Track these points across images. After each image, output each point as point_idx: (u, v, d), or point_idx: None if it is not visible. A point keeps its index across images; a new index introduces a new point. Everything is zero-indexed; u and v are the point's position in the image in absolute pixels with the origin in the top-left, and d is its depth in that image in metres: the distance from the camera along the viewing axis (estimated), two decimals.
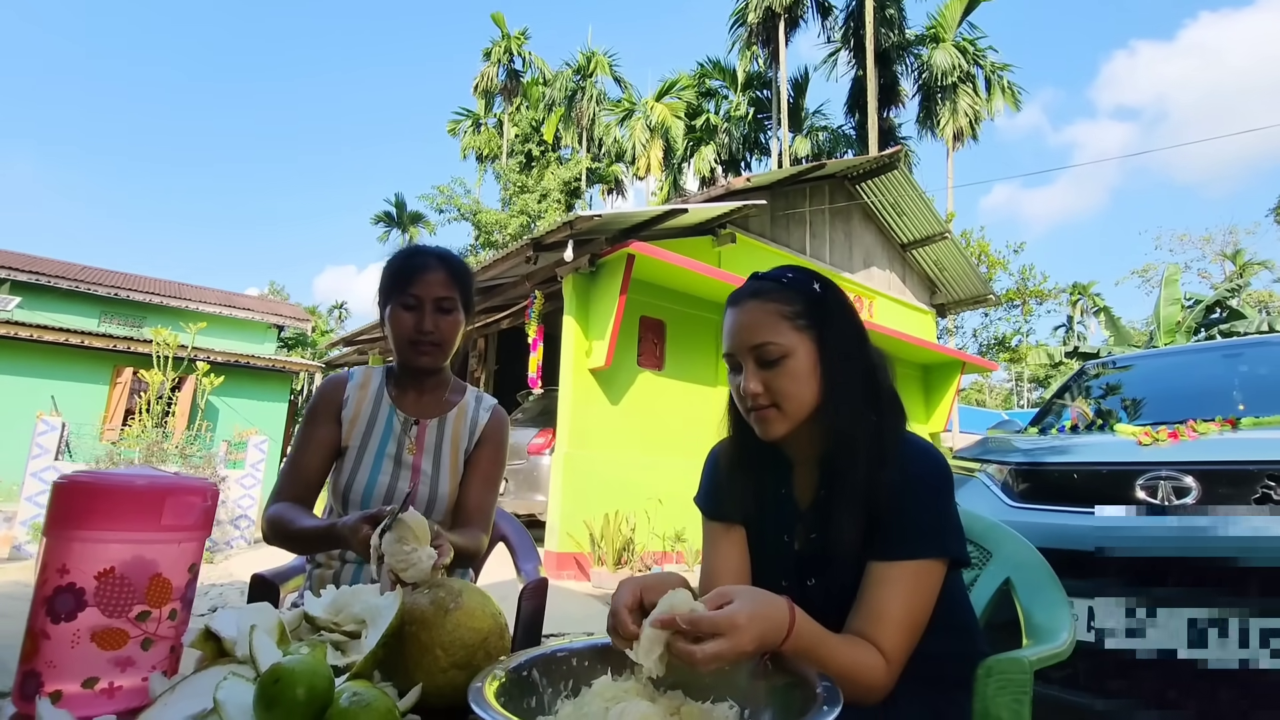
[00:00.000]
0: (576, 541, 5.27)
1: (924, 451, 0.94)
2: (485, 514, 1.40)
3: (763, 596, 0.74)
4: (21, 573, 5.69)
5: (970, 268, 9.69)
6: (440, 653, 0.77)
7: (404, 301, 1.31)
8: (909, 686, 0.88)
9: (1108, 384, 3.65)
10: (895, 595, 0.85)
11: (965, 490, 2.50)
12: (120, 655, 0.75)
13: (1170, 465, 1.96)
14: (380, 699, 0.63)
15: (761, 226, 7.57)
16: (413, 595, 0.83)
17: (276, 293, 37.02)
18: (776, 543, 1.03)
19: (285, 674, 0.64)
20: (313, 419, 1.39)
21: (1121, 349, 15.88)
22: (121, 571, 0.76)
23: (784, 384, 0.93)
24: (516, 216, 20.30)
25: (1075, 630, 1.02)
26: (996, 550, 1.28)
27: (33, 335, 9.69)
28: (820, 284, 1.00)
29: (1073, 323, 36.58)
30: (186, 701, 0.71)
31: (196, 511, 0.83)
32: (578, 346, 5.68)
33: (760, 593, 0.75)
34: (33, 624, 0.75)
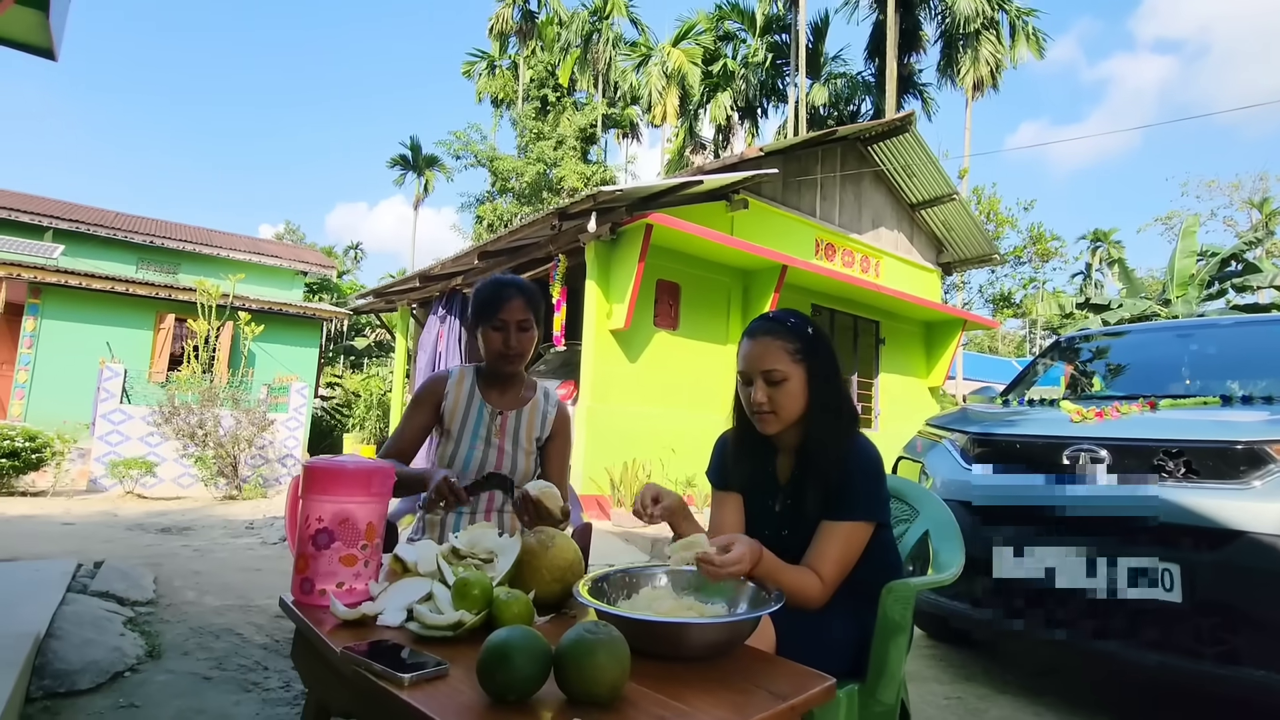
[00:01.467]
0: (598, 485, 5.85)
1: (865, 448, 1.41)
2: (566, 488, 1.92)
3: (750, 539, 1.23)
4: (104, 503, 6.40)
5: (977, 228, 9.90)
6: (545, 572, 1.27)
7: (493, 324, 1.77)
8: (847, 601, 1.38)
9: (1079, 356, 4.07)
10: (834, 543, 1.34)
11: (933, 453, 2.97)
12: (354, 570, 1.26)
13: (1091, 440, 2.42)
14: (521, 595, 1.12)
15: (773, 191, 7.84)
16: (526, 537, 1.32)
17: (293, 233, 37.34)
18: (764, 506, 1.52)
19: (467, 580, 1.13)
20: (417, 405, 1.87)
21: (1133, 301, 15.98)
22: (351, 520, 1.26)
23: (783, 398, 1.39)
24: (533, 164, 20.34)
25: (960, 567, 1.50)
26: (922, 510, 1.75)
27: (82, 283, 10.23)
28: (813, 329, 1.45)
29: (1091, 270, 36.21)
30: (396, 596, 1.22)
31: (386, 484, 1.33)
32: (599, 309, 6.13)
33: (747, 538, 1.24)
34: (302, 549, 1.25)
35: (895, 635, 1.32)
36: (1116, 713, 2.45)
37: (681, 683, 0.94)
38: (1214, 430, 2.26)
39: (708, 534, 1.52)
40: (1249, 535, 1.98)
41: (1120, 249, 35.03)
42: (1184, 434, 2.28)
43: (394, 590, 1.25)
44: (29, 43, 3.25)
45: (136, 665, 2.43)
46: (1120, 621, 2.17)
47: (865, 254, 9.07)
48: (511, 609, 1.09)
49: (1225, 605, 1.99)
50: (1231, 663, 1.97)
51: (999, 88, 19.79)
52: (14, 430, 6.51)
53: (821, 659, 1.32)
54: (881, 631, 1.33)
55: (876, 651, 1.33)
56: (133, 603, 3.18)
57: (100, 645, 2.49)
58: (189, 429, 7.09)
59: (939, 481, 2.78)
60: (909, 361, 9.50)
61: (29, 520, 5.23)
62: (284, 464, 8.44)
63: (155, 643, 2.66)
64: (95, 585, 3.32)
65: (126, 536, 4.80)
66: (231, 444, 7.31)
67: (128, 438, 7.43)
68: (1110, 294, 18.74)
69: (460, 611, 1.09)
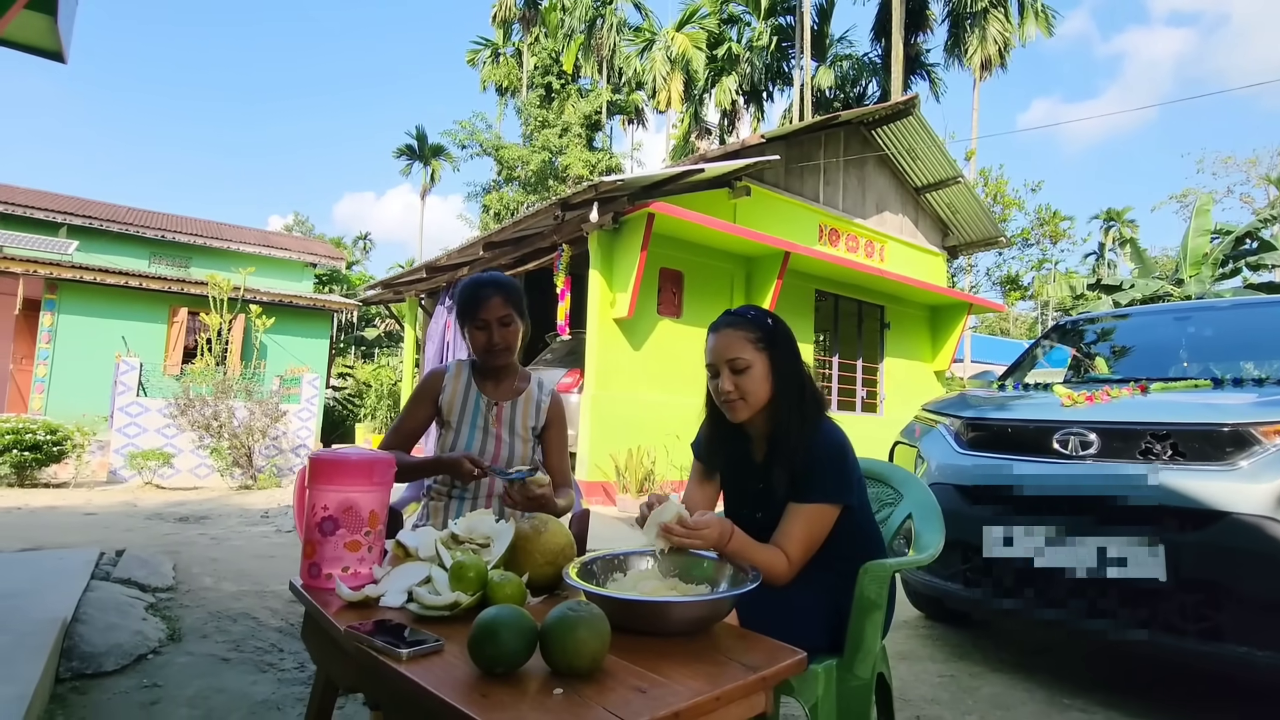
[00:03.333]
0: (603, 472, 5.94)
1: (829, 433, 1.47)
2: (568, 475, 2.00)
3: (721, 518, 1.31)
4: (125, 494, 6.57)
5: (982, 211, 9.84)
6: (538, 555, 1.34)
7: (476, 324, 1.84)
8: (826, 580, 1.44)
9: (1079, 340, 4.09)
10: (799, 524, 1.40)
11: (927, 439, 3.02)
12: (358, 555, 1.33)
13: (1080, 424, 2.46)
14: (514, 577, 1.20)
15: (776, 177, 7.84)
16: (519, 522, 1.40)
17: (301, 224, 37.53)
18: (741, 487, 1.59)
19: (463, 564, 1.20)
20: (417, 399, 1.95)
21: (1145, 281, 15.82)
22: (355, 508, 1.33)
23: (748, 384, 1.46)
24: (538, 152, 20.33)
25: (939, 548, 1.56)
26: (906, 493, 1.81)
27: (97, 278, 10.39)
28: (773, 320, 1.51)
29: (1104, 250, 35.80)
30: (398, 579, 1.29)
31: (387, 474, 1.40)
32: (603, 298, 6.18)
33: (720, 516, 1.32)
34: (309, 535, 1.32)
35: (871, 612, 1.38)
36: (1106, 689, 2.51)
37: (660, 656, 1.01)
38: (1201, 413, 2.30)
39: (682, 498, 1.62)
40: (1233, 516, 2.02)
41: (1134, 228, 34.61)
42: (1171, 417, 2.31)
43: (396, 574, 1.32)
44: (39, 45, 3.32)
45: (159, 648, 2.54)
46: (1107, 600, 2.23)
47: (870, 239, 9.05)
48: (504, 590, 1.16)
49: (1210, 584, 2.04)
50: (1215, 639, 2.02)
51: (1007, 67, 19.52)
52: (35, 424, 6.67)
53: (801, 635, 1.39)
54: (858, 609, 1.39)
55: (853, 628, 1.39)
56: (153, 589, 3.30)
57: (123, 629, 2.61)
58: (204, 421, 7.23)
59: (934, 465, 2.83)
60: (914, 345, 9.50)
61: (53, 511, 5.39)
62: (297, 454, 8.59)
63: (175, 626, 2.77)
64: (117, 573, 3.45)
65: (146, 526, 4.94)
66: (245, 435, 7.45)
67: (145, 430, 7.60)
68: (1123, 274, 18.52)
69: (456, 593, 1.17)
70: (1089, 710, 2.33)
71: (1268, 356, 3.09)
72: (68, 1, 3.01)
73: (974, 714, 2.30)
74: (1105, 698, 2.41)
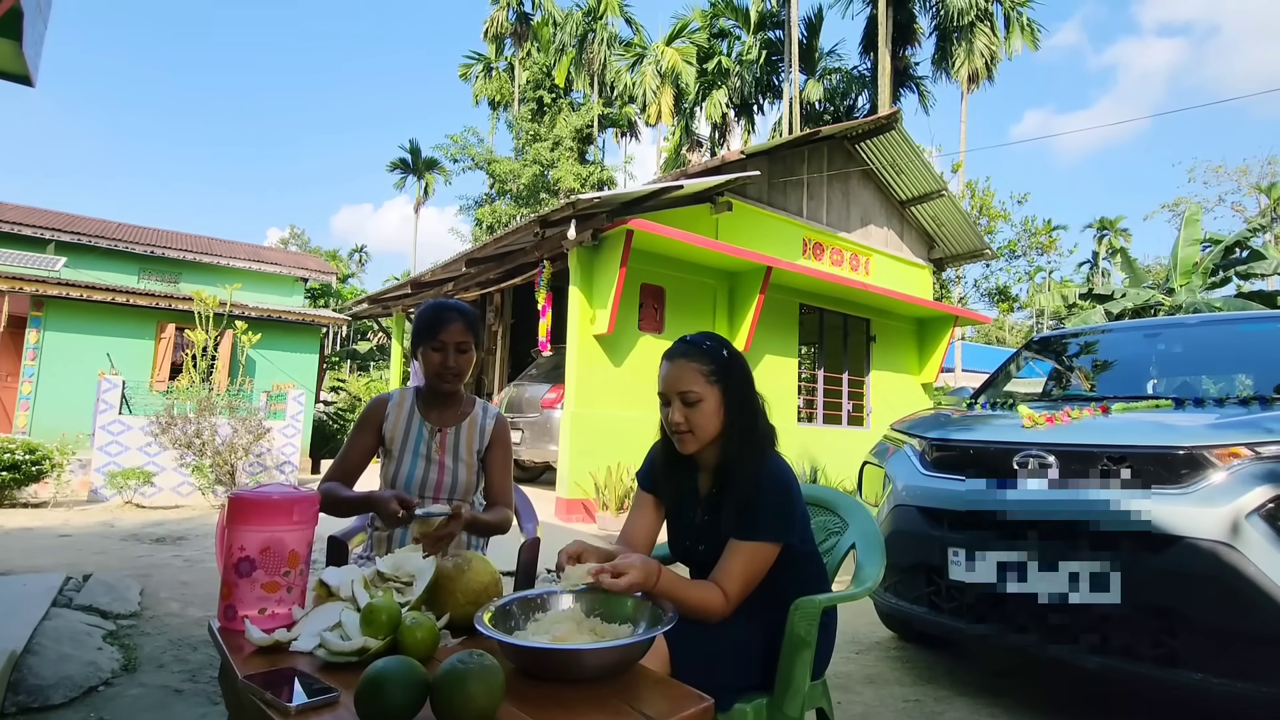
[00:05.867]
0: (583, 489, 5.91)
1: (776, 470, 1.45)
2: (508, 495, 1.98)
3: (646, 559, 1.28)
4: (104, 513, 6.51)
5: (967, 223, 9.88)
6: (460, 595, 1.32)
7: (433, 345, 1.82)
8: (761, 615, 1.42)
9: (1053, 356, 4.08)
10: (737, 561, 1.38)
11: (895, 459, 3.00)
12: (276, 595, 1.31)
13: (1039, 446, 2.45)
14: (426, 620, 1.17)
15: (759, 192, 7.87)
16: (442, 561, 1.37)
17: (297, 237, 37.61)
18: (685, 518, 1.57)
19: (374, 607, 1.18)
20: (360, 428, 1.93)
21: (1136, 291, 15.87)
22: (273, 548, 1.31)
23: (698, 418, 1.44)
24: (529, 166, 20.41)
25: (877, 581, 1.54)
26: (851, 522, 1.79)
27: (83, 295, 10.36)
28: (728, 352, 1.49)
29: (1097, 259, 35.97)
30: (315, 621, 1.27)
31: (310, 511, 1.38)
32: (583, 315, 6.18)
33: (645, 557, 1.29)
34: (226, 576, 1.30)
35: (800, 650, 1.36)
36: (1070, 713, 2.49)
37: (560, 705, 0.99)
38: (1157, 434, 2.29)
39: (621, 531, 1.60)
40: (1187, 540, 2.01)
41: (1127, 237, 34.82)
42: (1128, 439, 2.30)
43: (315, 615, 1.30)
44: (4, 70, 3.33)
45: (111, 679, 2.50)
46: (1066, 625, 2.21)
47: (855, 252, 9.08)
48: (414, 635, 1.14)
49: (1165, 609, 2.02)
50: (1170, 665, 2.00)
51: (994, 79, 19.68)
52: (14, 443, 6.62)
53: (734, 672, 1.38)
54: (788, 647, 1.37)
55: (783, 666, 1.37)
56: (115, 615, 3.25)
57: (76, 660, 2.56)
58: (186, 438, 7.19)
59: (900, 486, 2.82)
60: (901, 358, 9.50)
61: (27, 533, 5.34)
62: (282, 470, 8.54)
63: (133, 656, 2.73)
64: (80, 599, 3.41)
65: (120, 548, 4.89)
66: (229, 452, 7.40)
67: (127, 448, 7.54)
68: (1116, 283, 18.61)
69: (365, 638, 1.15)
70: None
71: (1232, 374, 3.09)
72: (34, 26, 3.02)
73: None
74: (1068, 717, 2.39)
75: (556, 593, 1.34)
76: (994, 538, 2.38)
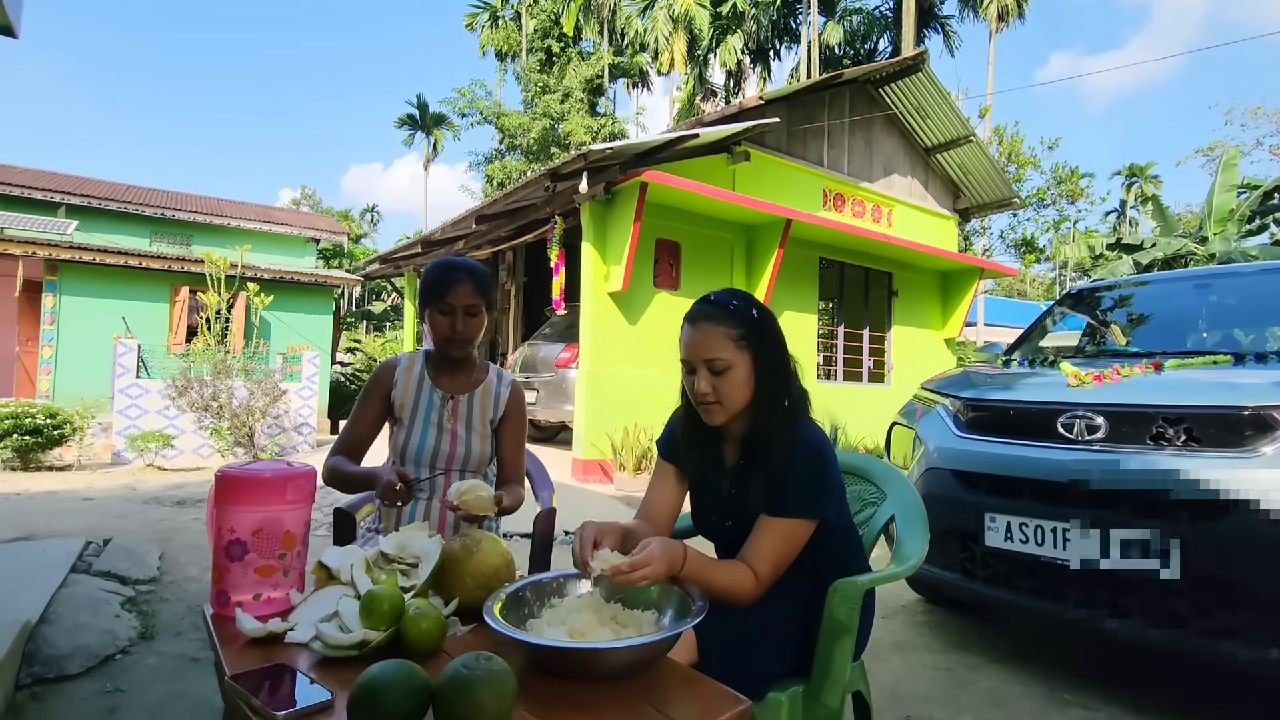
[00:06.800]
0: (600, 450, 5.84)
1: (811, 441, 1.31)
2: (520, 471, 1.87)
3: (668, 542, 1.16)
4: (126, 476, 6.58)
5: (995, 171, 9.45)
6: (469, 579, 1.21)
7: (440, 309, 1.69)
8: (795, 597, 1.31)
9: (1093, 308, 3.87)
10: (770, 540, 1.26)
11: (925, 420, 2.86)
12: (272, 580, 1.21)
13: (1087, 406, 2.29)
14: (432, 611, 1.06)
15: (778, 141, 7.53)
16: (449, 541, 1.26)
17: (309, 197, 37.38)
18: (710, 491, 1.44)
19: (375, 595, 1.08)
20: (366, 397, 1.81)
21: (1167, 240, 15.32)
22: (266, 529, 1.21)
23: (726, 388, 1.30)
24: (539, 119, 19.86)
25: (921, 558, 1.42)
26: (890, 492, 1.66)
27: (96, 258, 10.33)
28: (758, 311, 1.34)
29: (1125, 208, 34.80)
30: (314, 607, 1.17)
31: (306, 488, 1.27)
32: (596, 272, 6.00)
33: (667, 540, 1.17)
34: (217, 560, 1.20)
35: (840, 637, 1.25)
36: (1107, 682, 2.39)
37: (580, 709, 0.89)
38: (1218, 394, 2.12)
39: (641, 505, 1.48)
40: (1252, 506, 1.87)
41: (1157, 184, 33.57)
42: (1186, 398, 2.14)
43: (313, 601, 1.20)
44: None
45: (128, 647, 2.47)
46: (1113, 596, 2.09)
47: (877, 203, 8.74)
48: (419, 625, 1.04)
49: (1224, 580, 1.90)
50: (1228, 638, 1.88)
51: (1025, 17, 18.68)
52: (34, 408, 6.66)
53: (766, 658, 1.27)
54: (827, 632, 1.26)
55: (821, 653, 1.26)
56: (134, 581, 3.24)
57: (92, 629, 2.54)
58: (203, 401, 7.20)
59: (932, 448, 2.69)
60: (924, 313, 9.24)
61: (52, 496, 5.39)
62: (300, 432, 8.58)
63: (150, 623, 2.71)
64: (99, 564, 3.40)
65: (141, 511, 4.91)
66: (246, 415, 7.42)
67: (146, 411, 7.59)
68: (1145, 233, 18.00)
69: (364, 630, 1.05)
70: (1090, 707, 2.20)
71: None
72: None
73: (969, 713, 2.19)
74: (1107, 692, 2.29)
75: (573, 576, 1.23)
76: (1035, 504, 2.26)
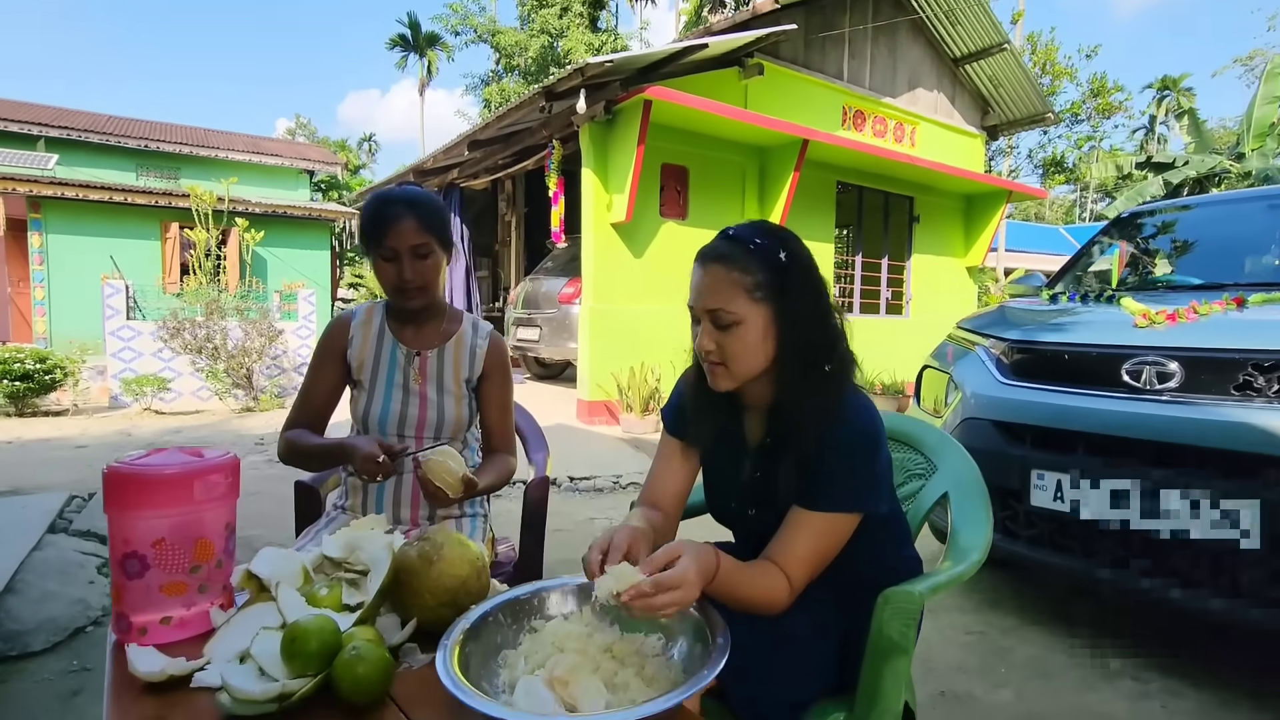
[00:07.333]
0: (605, 391, 5.60)
1: (857, 414, 1.03)
2: (508, 437, 1.61)
3: (700, 549, 0.90)
4: (123, 421, 6.44)
5: (1029, 83, 8.75)
6: (428, 596, 0.96)
7: (382, 254, 1.39)
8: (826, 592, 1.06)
9: (1145, 234, 3.49)
10: (806, 538, 1.00)
11: (962, 364, 2.58)
12: (184, 599, 0.97)
13: (1158, 350, 1.99)
14: (372, 652, 0.82)
15: (794, 51, 6.90)
16: (403, 549, 1.01)
17: (304, 127, 36.13)
18: (728, 472, 1.17)
19: (300, 632, 0.83)
20: (320, 358, 1.53)
21: (1201, 157, 14.52)
22: (171, 540, 0.95)
23: (734, 347, 1.02)
24: (536, 36, 18.70)
25: (985, 552, 1.16)
26: (942, 464, 1.39)
27: (79, 194, 9.93)
28: (787, 254, 1.03)
29: (1155, 124, 33.09)
30: (238, 633, 0.93)
31: (222, 485, 1.01)
32: (598, 200, 5.59)
33: (697, 545, 0.91)
34: (114, 577, 0.96)
35: (892, 657, 1.00)
36: (1161, 648, 2.18)
37: None
38: None
39: (644, 487, 1.20)
40: None
41: (1191, 98, 31.76)
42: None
43: (239, 624, 0.96)
44: None
45: (100, 619, 2.31)
46: (1178, 563, 1.86)
47: (900, 120, 8.14)
48: (353, 672, 0.79)
49: None
50: None
51: None
52: (23, 353, 6.47)
53: (798, 679, 1.02)
54: (875, 651, 1.01)
55: (868, 676, 1.02)
56: None
57: (61, 598, 2.38)
58: (196, 343, 6.98)
59: (970, 396, 2.42)
60: (945, 240, 8.77)
61: (45, 444, 5.25)
62: (300, 373, 8.39)
63: None
64: (80, 522, 3.25)
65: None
66: (242, 355, 7.21)
67: (140, 354, 7.38)
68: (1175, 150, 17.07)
69: (284, 680, 0.80)
70: (1143, 678, 2.01)
71: None
72: None
73: (1008, 685, 2.00)
74: (1162, 662, 2.09)
75: (556, 587, 0.98)
76: (1092, 461, 2.00)
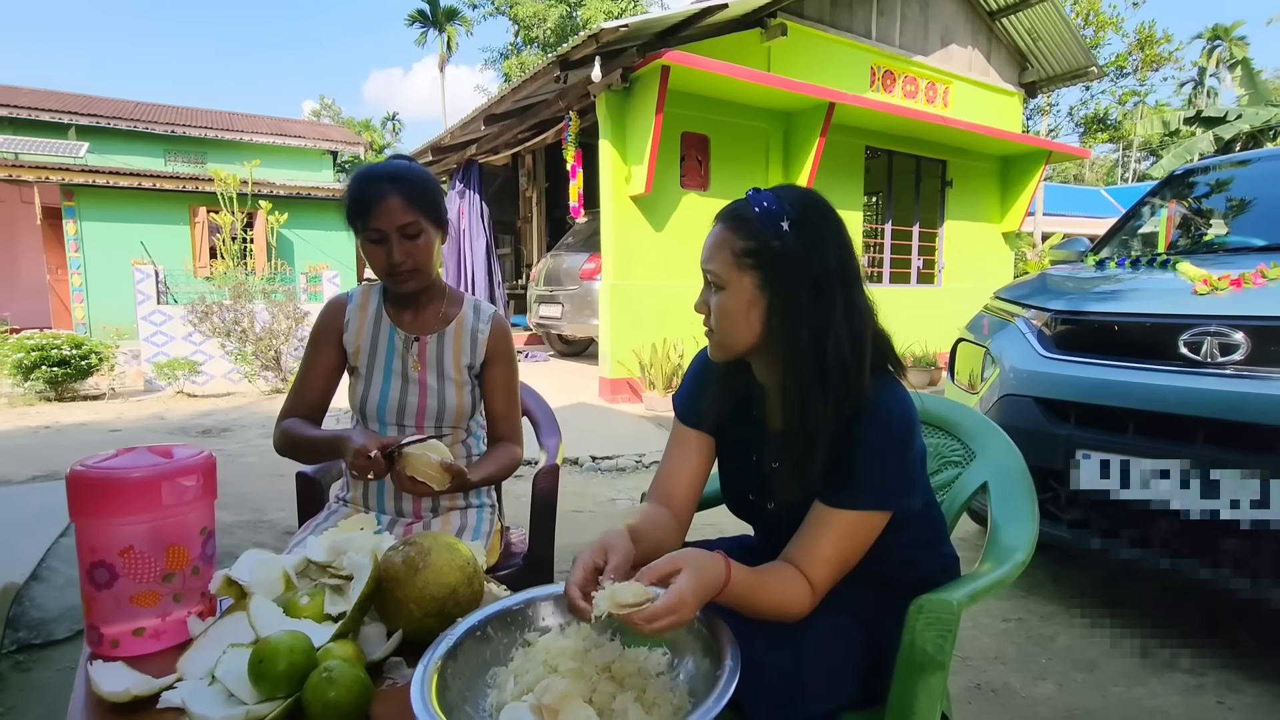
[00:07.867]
0: (627, 368, 5.52)
1: (888, 406, 0.92)
2: (514, 425, 1.54)
3: (705, 562, 0.81)
4: (157, 404, 6.57)
5: (1071, 34, 8.26)
6: (414, 606, 0.89)
7: (370, 236, 1.31)
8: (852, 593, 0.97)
9: (1201, 195, 3.25)
10: (830, 538, 0.90)
11: (1000, 336, 2.43)
12: (158, 609, 0.91)
13: (1221, 319, 1.83)
14: (348, 673, 0.74)
15: (819, 10, 6.59)
16: (387, 555, 0.94)
17: (329, 108, 36.31)
18: (745, 459, 1.08)
19: (269, 653, 0.76)
20: (315, 343, 1.47)
21: (1255, 110, 13.75)
22: (140, 548, 0.89)
23: (717, 313, 0.95)
24: (555, 5, 18.33)
25: (1030, 553, 1.05)
26: (981, 451, 1.27)
27: (109, 181, 10.07)
28: (792, 221, 0.91)
29: (1204, 76, 31.35)
30: (218, 642, 0.87)
31: (193, 488, 0.94)
32: (616, 172, 5.44)
33: (702, 557, 0.81)
34: (83, 588, 0.90)
35: (926, 672, 0.90)
36: (1213, 636, 2.05)
37: None
38: None
39: (655, 479, 1.11)
40: None
41: (1244, 47, 29.98)
42: None
43: (214, 635, 0.90)
44: None
45: None
46: (1240, 551, 1.72)
47: (932, 80, 7.77)
48: (324, 697, 0.72)
49: None
50: None
51: None
52: (59, 339, 6.61)
53: (821, 690, 0.93)
54: (908, 664, 0.91)
55: (898, 690, 0.92)
56: None
57: None
58: (224, 326, 7.06)
59: (1009, 371, 2.27)
60: (980, 205, 8.42)
61: (81, 429, 5.37)
62: None
63: None
64: None
65: (166, 442, 4.84)
66: (270, 338, 7.28)
67: (171, 338, 7.51)
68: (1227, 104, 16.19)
69: (250, 705, 0.74)
70: (1197, 670, 1.88)
71: None
72: None
73: (1049, 677, 1.89)
74: (1215, 652, 1.95)
75: (554, 596, 0.90)
76: (1145, 440, 1.86)
